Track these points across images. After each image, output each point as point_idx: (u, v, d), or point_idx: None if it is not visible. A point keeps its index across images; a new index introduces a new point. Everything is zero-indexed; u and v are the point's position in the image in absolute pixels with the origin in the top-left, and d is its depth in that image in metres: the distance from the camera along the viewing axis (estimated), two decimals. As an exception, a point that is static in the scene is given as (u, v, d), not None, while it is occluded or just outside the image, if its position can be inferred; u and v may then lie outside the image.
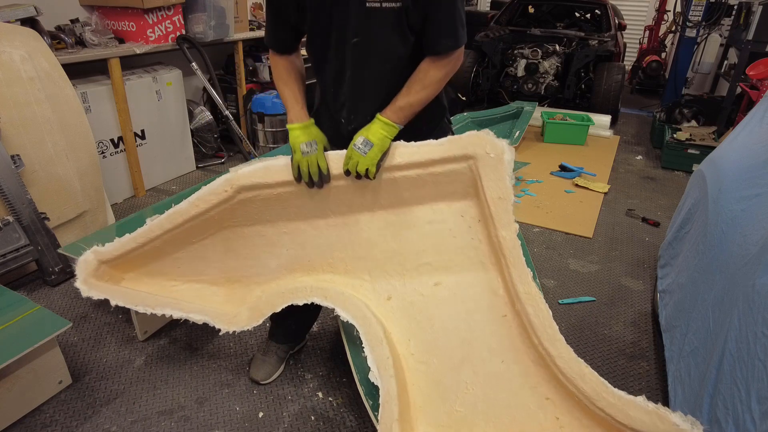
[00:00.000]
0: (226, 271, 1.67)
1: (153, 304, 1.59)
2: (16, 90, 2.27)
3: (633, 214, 3.35)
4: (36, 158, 2.35)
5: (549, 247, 2.92)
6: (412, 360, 1.44)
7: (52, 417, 1.71)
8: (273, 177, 1.47)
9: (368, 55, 1.36)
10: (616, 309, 2.38)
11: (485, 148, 1.36)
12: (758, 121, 1.97)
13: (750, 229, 1.45)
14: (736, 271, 1.40)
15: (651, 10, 7.49)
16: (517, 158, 4.08)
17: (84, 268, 1.61)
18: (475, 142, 1.37)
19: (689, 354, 1.58)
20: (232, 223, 1.59)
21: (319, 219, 1.55)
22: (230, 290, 1.67)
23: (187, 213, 1.51)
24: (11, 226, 2.24)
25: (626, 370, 2.01)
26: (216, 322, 1.54)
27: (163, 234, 1.56)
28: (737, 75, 4.36)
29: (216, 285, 1.69)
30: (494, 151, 1.36)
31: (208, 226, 1.58)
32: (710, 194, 1.86)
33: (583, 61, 5.31)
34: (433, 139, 1.42)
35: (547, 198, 3.55)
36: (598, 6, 6.09)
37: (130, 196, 3.37)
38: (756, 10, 4.27)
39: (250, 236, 1.61)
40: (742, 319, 1.25)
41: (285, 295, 1.53)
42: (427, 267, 1.50)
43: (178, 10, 3.35)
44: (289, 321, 1.87)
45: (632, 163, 4.35)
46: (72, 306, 2.27)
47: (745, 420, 1.14)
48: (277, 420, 1.72)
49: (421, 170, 1.42)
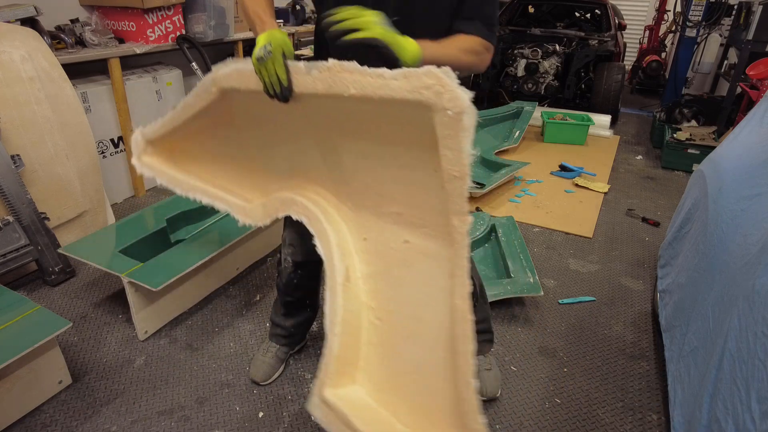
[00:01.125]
0: (243, 166, 1.65)
1: (186, 188, 1.64)
2: (16, 90, 2.27)
3: (633, 213, 3.35)
4: (36, 158, 2.35)
5: (549, 247, 2.92)
6: (371, 314, 1.33)
7: (52, 417, 1.71)
8: (246, 83, 1.29)
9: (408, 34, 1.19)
10: (616, 309, 2.38)
11: (443, 99, 1.00)
12: (758, 120, 1.97)
13: (750, 229, 1.45)
14: (736, 271, 1.40)
15: (651, 10, 7.49)
16: (518, 158, 4.08)
17: (135, 147, 1.68)
18: (431, 86, 1.01)
19: (689, 354, 1.58)
20: (237, 121, 1.52)
21: (302, 132, 1.41)
22: (250, 185, 1.65)
23: (193, 107, 1.48)
24: (11, 226, 2.24)
25: (626, 370, 2.01)
26: (235, 212, 1.57)
27: (183, 124, 1.55)
28: (737, 75, 4.36)
29: (238, 179, 1.68)
30: (453, 107, 0.99)
31: (219, 122, 1.54)
32: (710, 194, 1.86)
33: (583, 60, 5.31)
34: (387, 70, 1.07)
35: (547, 198, 3.55)
36: (598, 6, 6.09)
37: (130, 196, 3.37)
38: (756, 10, 4.27)
39: (255, 136, 1.54)
40: (742, 318, 1.25)
41: (285, 203, 1.47)
42: (398, 217, 1.30)
43: (178, 10, 3.35)
44: (288, 323, 1.87)
45: (632, 163, 4.35)
46: (72, 306, 2.27)
47: (744, 420, 1.14)
48: (277, 420, 1.72)
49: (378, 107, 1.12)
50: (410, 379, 1.27)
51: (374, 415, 1.27)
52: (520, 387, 1.90)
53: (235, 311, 2.26)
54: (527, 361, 2.03)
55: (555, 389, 1.90)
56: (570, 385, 1.92)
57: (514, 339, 2.15)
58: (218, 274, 2.38)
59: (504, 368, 1.97)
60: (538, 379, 1.94)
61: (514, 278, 2.33)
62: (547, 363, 2.03)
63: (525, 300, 2.38)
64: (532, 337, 2.16)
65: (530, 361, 2.03)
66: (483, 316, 1.76)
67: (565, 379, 1.95)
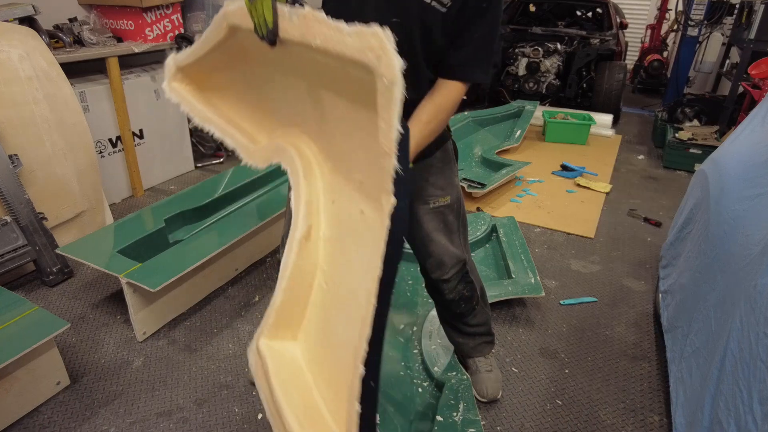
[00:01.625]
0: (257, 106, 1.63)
1: (202, 119, 1.62)
2: (14, 89, 2.26)
3: (635, 214, 3.34)
4: (34, 158, 2.35)
5: (550, 247, 2.91)
6: (322, 277, 1.31)
7: (50, 418, 1.70)
8: (246, 21, 1.25)
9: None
10: (617, 309, 2.37)
11: (381, 64, 0.93)
12: (760, 120, 1.96)
13: (752, 229, 1.44)
14: (738, 271, 1.39)
15: (653, 9, 7.47)
16: (519, 158, 4.06)
17: (167, 71, 1.66)
18: (374, 48, 0.94)
19: (691, 355, 1.57)
20: (250, 58, 1.48)
21: (294, 79, 1.38)
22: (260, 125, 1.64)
23: (209, 41, 1.44)
24: (9, 227, 2.23)
25: (628, 370, 2.00)
26: (240, 150, 1.55)
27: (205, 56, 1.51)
28: (739, 74, 4.34)
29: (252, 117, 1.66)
30: (387, 74, 0.92)
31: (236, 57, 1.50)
32: (712, 194, 1.84)
33: (584, 60, 5.29)
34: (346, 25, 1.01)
35: (548, 198, 3.54)
36: (599, 4, 6.08)
37: (128, 196, 3.37)
38: (758, 9, 4.25)
39: (264, 75, 1.51)
40: (744, 319, 1.24)
41: (278, 151, 1.47)
42: (360, 186, 1.25)
43: (177, 8, 3.34)
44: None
45: (634, 163, 4.34)
46: (70, 307, 2.26)
47: (747, 421, 1.13)
48: (276, 421, 1.72)
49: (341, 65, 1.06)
50: (335, 352, 1.23)
51: (295, 378, 1.24)
52: (521, 388, 1.89)
53: (234, 312, 2.25)
54: (528, 362, 2.02)
55: (556, 390, 1.89)
56: (571, 387, 1.91)
57: (515, 340, 2.14)
58: (217, 275, 2.37)
59: (505, 369, 1.96)
60: (539, 380, 1.93)
61: (515, 279, 2.32)
62: (549, 364, 2.02)
63: (526, 301, 2.37)
64: (534, 338, 2.15)
65: (531, 362, 2.02)
66: (483, 319, 1.76)
67: (567, 380, 1.94)
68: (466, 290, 1.60)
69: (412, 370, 1.91)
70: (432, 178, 1.45)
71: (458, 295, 1.60)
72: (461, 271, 1.56)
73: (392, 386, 1.78)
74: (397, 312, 2.19)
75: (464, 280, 1.59)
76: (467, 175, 3.53)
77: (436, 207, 1.48)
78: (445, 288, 1.57)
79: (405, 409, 1.70)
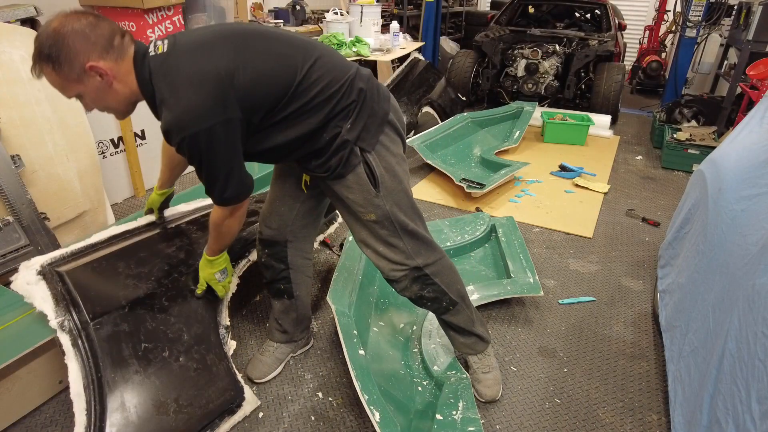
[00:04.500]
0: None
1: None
2: (16, 90, 2.27)
3: (633, 214, 3.35)
4: (36, 158, 2.35)
5: (549, 247, 2.92)
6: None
7: (52, 417, 1.71)
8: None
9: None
10: (616, 309, 2.38)
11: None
12: (758, 121, 1.97)
13: (750, 229, 1.45)
14: (736, 271, 1.40)
15: (651, 10, 7.48)
16: (518, 158, 4.08)
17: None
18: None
19: (689, 354, 1.59)
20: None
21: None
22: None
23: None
24: (11, 227, 2.23)
25: (626, 370, 2.01)
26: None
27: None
28: (737, 75, 4.36)
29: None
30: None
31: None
32: (710, 194, 1.86)
33: (583, 61, 5.30)
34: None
35: (547, 198, 3.55)
36: (598, 6, 6.09)
37: (130, 196, 3.37)
38: (756, 10, 4.27)
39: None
40: (742, 319, 1.25)
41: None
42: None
43: (178, 10, 3.35)
44: (276, 313, 1.89)
45: (632, 163, 4.35)
46: (72, 306, 2.26)
47: (745, 420, 1.14)
48: (277, 420, 1.72)
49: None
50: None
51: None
52: (520, 387, 1.90)
53: (235, 311, 2.26)
54: (527, 362, 2.03)
55: (555, 389, 1.90)
56: (570, 386, 1.92)
57: (514, 339, 2.15)
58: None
59: (504, 368, 1.97)
60: (538, 379, 1.94)
61: (514, 278, 2.33)
62: (547, 363, 2.03)
63: (525, 300, 2.38)
64: (532, 338, 2.16)
65: (530, 361, 2.03)
66: (464, 319, 1.72)
67: (565, 380, 1.95)
68: (426, 291, 1.61)
69: (411, 369, 1.92)
70: (351, 196, 1.47)
71: (414, 295, 1.62)
72: (410, 274, 1.56)
73: (392, 385, 1.79)
74: (397, 311, 2.20)
75: (420, 281, 1.58)
76: (466, 175, 3.54)
77: (366, 220, 1.50)
78: (396, 287, 1.61)
79: (405, 408, 1.71)
